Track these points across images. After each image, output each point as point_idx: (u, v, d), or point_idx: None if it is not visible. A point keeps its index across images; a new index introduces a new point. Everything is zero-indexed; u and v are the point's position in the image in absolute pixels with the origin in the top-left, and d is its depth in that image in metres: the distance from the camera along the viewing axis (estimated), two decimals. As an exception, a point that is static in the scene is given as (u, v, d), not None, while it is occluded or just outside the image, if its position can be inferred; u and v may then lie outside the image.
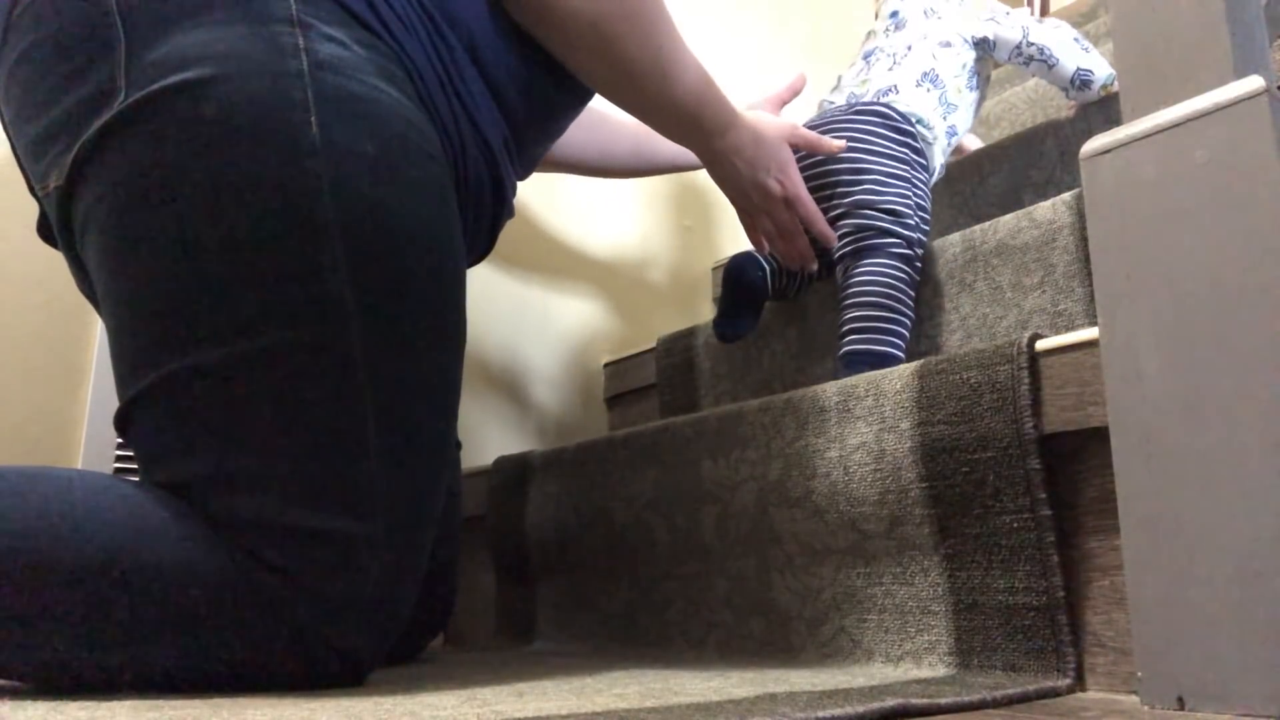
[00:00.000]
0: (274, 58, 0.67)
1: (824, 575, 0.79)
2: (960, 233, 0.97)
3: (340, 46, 0.70)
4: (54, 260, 1.07)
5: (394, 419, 0.69)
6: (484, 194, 0.84)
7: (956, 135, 1.09)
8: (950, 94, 1.06)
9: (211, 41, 0.67)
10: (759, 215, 0.99)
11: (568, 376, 1.46)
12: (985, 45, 1.07)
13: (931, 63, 1.06)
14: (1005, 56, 1.07)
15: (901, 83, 1.05)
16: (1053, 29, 1.07)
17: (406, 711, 0.53)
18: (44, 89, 0.70)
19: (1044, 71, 1.07)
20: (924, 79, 1.05)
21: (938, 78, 1.05)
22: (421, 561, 0.73)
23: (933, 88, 1.05)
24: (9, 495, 0.62)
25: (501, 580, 1.12)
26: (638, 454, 0.96)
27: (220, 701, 0.59)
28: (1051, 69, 1.06)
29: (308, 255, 0.66)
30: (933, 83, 1.05)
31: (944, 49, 1.06)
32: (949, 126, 1.07)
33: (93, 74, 0.68)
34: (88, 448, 1.09)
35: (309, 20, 0.69)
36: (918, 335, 0.99)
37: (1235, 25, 0.58)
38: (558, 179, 1.45)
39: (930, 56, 1.06)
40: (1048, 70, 1.06)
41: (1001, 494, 0.66)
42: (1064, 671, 0.62)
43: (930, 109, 1.04)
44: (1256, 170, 0.53)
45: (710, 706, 0.51)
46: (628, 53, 0.83)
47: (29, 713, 0.53)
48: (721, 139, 0.92)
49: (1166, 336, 0.56)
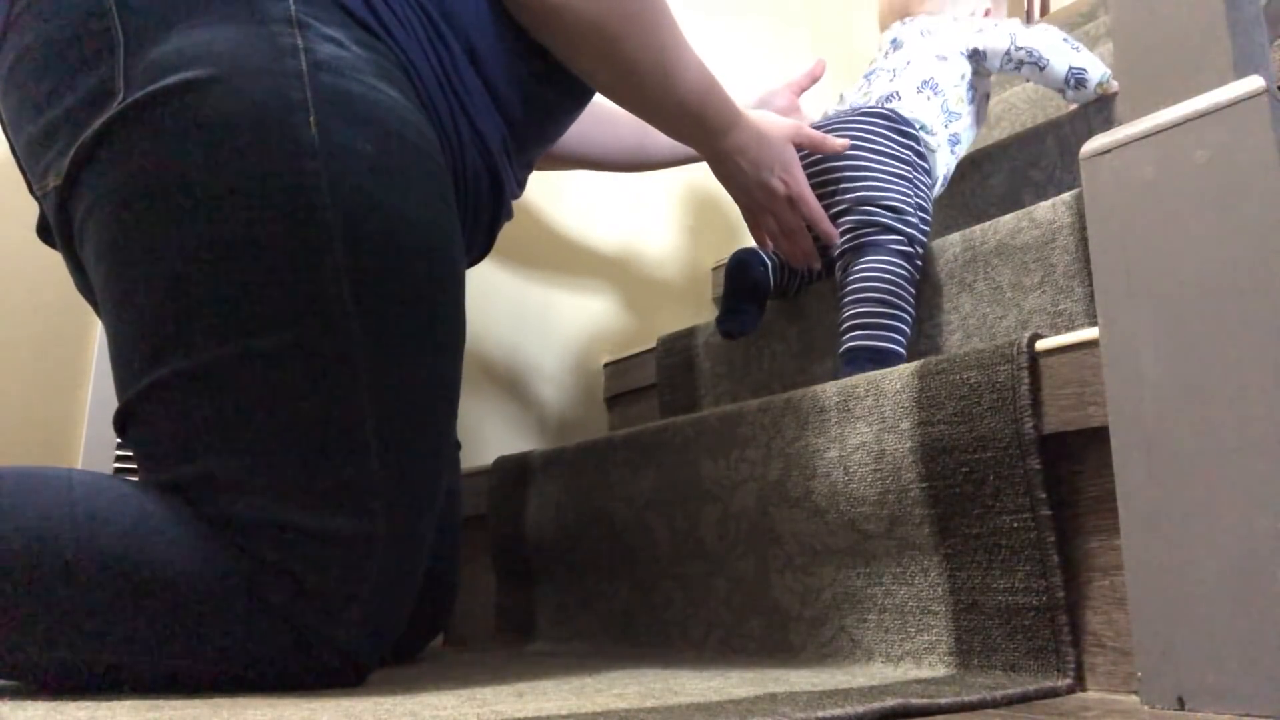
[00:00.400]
0: (273, 58, 0.67)
1: (824, 575, 0.79)
2: (960, 233, 0.97)
3: (339, 47, 0.70)
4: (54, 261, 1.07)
5: (393, 418, 0.69)
6: (482, 194, 0.84)
7: (960, 145, 1.11)
8: (950, 102, 1.08)
9: (210, 41, 0.67)
10: (763, 214, 0.99)
11: (568, 376, 1.46)
12: (978, 56, 1.10)
13: (931, 72, 1.08)
14: (997, 65, 1.10)
15: (903, 89, 1.07)
16: (1040, 31, 1.09)
17: (406, 711, 0.53)
18: (43, 88, 0.70)
19: (1037, 74, 1.08)
20: (924, 86, 1.07)
21: (938, 86, 1.07)
22: (421, 561, 0.73)
23: (933, 95, 1.07)
24: (8, 495, 0.62)
25: (501, 580, 1.12)
26: (638, 454, 0.96)
27: (220, 701, 0.59)
28: (1043, 70, 1.07)
29: (307, 255, 0.66)
30: (933, 90, 1.07)
31: (941, 61, 1.09)
32: (951, 135, 1.08)
33: (91, 74, 0.68)
34: (88, 448, 1.09)
35: (308, 20, 0.69)
36: (918, 335, 0.99)
37: (1235, 25, 0.58)
38: (558, 178, 1.45)
39: (929, 67, 1.08)
40: (1040, 72, 1.08)
41: (1001, 494, 0.66)
42: (1064, 671, 0.62)
43: (932, 115, 1.06)
44: (1256, 170, 0.53)
45: (710, 706, 0.51)
46: (631, 54, 0.83)
47: (29, 713, 0.53)
48: (725, 138, 0.92)
49: (1166, 336, 0.56)
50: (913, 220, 0.99)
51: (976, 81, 1.11)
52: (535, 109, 0.87)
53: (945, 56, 1.10)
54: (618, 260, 1.56)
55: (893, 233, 0.97)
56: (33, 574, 0.60)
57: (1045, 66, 1.07)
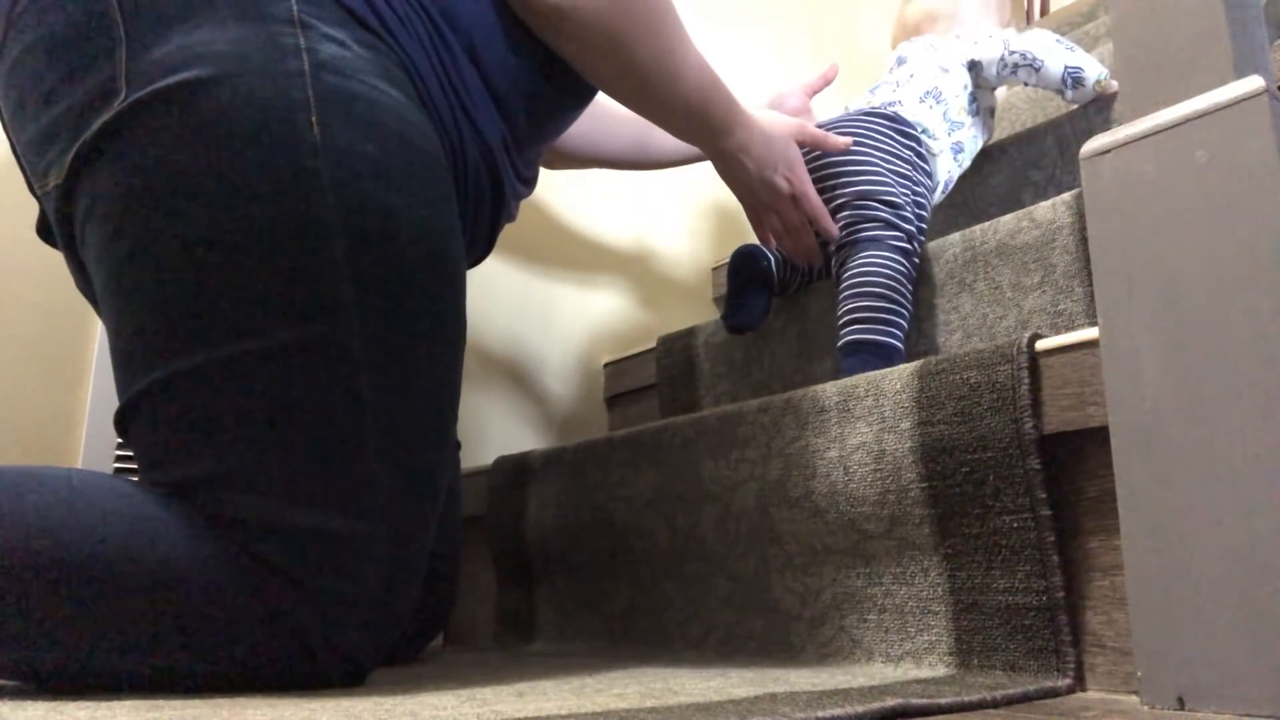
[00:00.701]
0: (275, 57, 0.67)
1: (824, 575, 0.79)
2: (960, 233, 0.97)
3: (341, 47, 0.70)
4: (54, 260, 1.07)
5: (393, 419, 0.69)
6: (483, 194, 0.84)
7: (964, 154, 1.12)
8: (952, 111, 1.10)
9: (213, 41, 0.67)
10: (767, 213, 1.00)
11: (568, 376, 1.46)
12: (976, 67, 1.12)
13: (934, 82, 1.10)
14: (994, 72, 1.11)
15: (906, 98, 1.09)
16: (1033, 35, 1.11)
17: (406, 711, 0.53)
18: (45, 87, 0.70)
19: (1033, 77, 1.10)
20: (927, 95, 1.09)
21: (940, 95, 1.10)
22: (421, 561, 0.73)
23: (935, 104, 1.09)
24: (8, 495, 0.62)
25: (501, 580, 1.12)
26: (638, 454, 0.96)
27: (220, 701, 0.59)
28: (1039, 72, 1.09)
29: (308, 255, 0.66)
30: (935, 99, 1.09)
31: (944, 72, 1.11)
32: (954, 143, 1.10)
33: (94, 73, 0.68)
34: (88, 448, 1.09)
35: (310, 20, 0.70)
36: (918, 335, 0.99)
37: (1235, 25, 0.58)
38: (558, 177, 1.45)
39: (932, 78, 1.11)
40: (1036, 74, 1.09)
41: (1001, 494, 0.66)
42: (1064, 671, 0.62)
43: (934, 122, 1.08)
44: (1256, 170, 0.53)
45: (710, 706, 0.51)
46: (637, 54, 0.83)
47: (29, 713, 0.53)
48: (729, 137, 0.93)
49: (1166, 336, 0.56)
50: (909, 217, 0.99)
51: (979, 94, 1.13)
52: (536, 108, 0.87)
53: (947, 69, 1.11)
54: (618, 260, 1.56)
55: (891, 229, 0.97)
56: (32, 574, 0.60)
57: (1041, 68, 1.08)
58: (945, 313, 0.97)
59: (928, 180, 1.06)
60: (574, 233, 1.51)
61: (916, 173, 1.04)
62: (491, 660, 0.91)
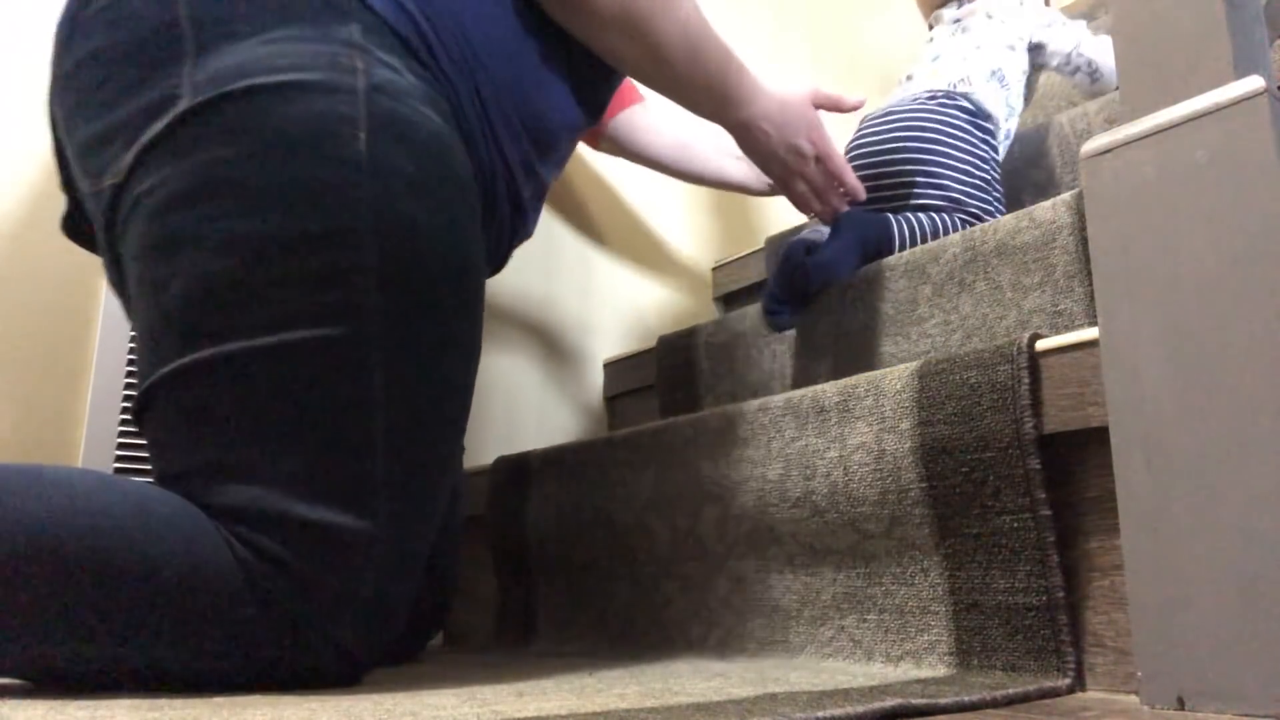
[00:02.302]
0: (333, 76, 0.70)
1: (824, 575, 0.79)
2: (960, 233, 0.97)
3: (395, 73, 0.74)
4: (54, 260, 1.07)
5: (404, 422, 0.70)
6: (505, 216, 0.88)
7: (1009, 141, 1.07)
8: (1013, 96, 1.05)
9: (275, 55, 0.70)
10: (793, 179, 1.02)
11: (568, 376, 1.46)
12: (1040, 51, 1.06)
13: (1000, 62, 1.04)
14: (1055, 64, 1.06)
15: (974, 75, 1.03)
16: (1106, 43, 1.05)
17: (406, 711, 0.53)
18: (108, 91, 0.72)
19: (1085, 84, 1.05)
20: (993, 76, 1.04)
21: (1005, 78, 1.04)
22: (421, 561, 0.73)
23: (1000, 87, 1.04)
24: (8, 493, 0.62)
25: (501, 580, 1.12)
26: (637, 454, 0.96)
27: (220, 701, 0.59)
28: (1094, 83, 1.05)
29: (341, 260, 0.69)
30: (1000, 82, 1.04)
31: (1010, 52, 1.05)
32: (1007, 130, 1.05)
33: (158, 81, 0.70)
34: (88, 448, 1.09)
35: (369, 46, 0.73)
36: (918, 335, 0.99)
37: (1235, 25, 0.58)
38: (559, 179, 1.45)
39: (998, 56, 1.05)
40: (1089, 84, 1.05)
41: (1001, 494, 0.66)
42: (1064, 671, 0.62)
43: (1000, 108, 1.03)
44: (1256, 170, 0.53)
45: (710, 706, 0.51)
46: (656, 32, 0.86)
47: (29, 713, 0.53)
48: (750, 107, 0.95)
49: (1166, 336, 0.56)
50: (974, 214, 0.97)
51: (1031, 77, 1.07)
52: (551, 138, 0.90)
53: (1014, 46, 1.05)
54: (618, 260, 1.56)
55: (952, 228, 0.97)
56: (33, 572, 0.60)
57: (1098, 80, 1.04)
58: (945, 313, 0.97)
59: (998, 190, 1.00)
60: (574, 232, 1.51)
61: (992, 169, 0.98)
62: (491, 660, 0.91)
